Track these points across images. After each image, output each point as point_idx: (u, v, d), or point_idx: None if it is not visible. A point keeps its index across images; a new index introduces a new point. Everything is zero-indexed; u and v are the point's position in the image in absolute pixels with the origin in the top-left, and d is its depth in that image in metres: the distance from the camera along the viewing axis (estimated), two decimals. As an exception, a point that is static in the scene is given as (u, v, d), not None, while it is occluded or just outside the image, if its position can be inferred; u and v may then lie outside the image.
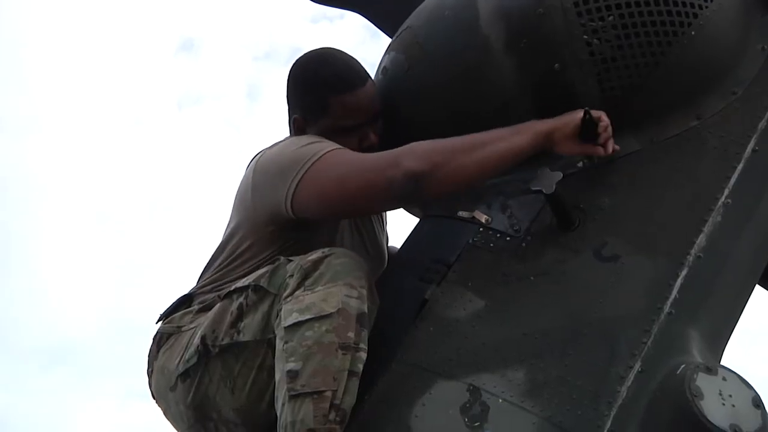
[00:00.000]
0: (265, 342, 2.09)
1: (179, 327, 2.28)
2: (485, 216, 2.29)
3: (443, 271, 2.22)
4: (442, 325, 2.13)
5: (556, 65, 2.24)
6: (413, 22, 2.54)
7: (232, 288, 2.19)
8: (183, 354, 2.20)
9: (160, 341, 2.31)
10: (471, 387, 1.99)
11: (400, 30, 2.58)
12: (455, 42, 2.38)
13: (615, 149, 2.21)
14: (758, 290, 2.43)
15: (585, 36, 2.21)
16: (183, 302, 2.37)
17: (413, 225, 2.54)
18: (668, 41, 2.22)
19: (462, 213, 2.33)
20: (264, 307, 2.10)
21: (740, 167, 2.23)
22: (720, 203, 2.18)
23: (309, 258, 2.08)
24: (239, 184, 2.44)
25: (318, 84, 2.42)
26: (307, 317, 1.99)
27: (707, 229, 2.15)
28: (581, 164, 2.28)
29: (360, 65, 2.47)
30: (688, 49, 2.24)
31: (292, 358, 1.97)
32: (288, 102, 2.52)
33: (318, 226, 2.34)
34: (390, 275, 2.46)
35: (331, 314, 1.99)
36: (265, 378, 2.10)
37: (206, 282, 2.38)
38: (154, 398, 2.37)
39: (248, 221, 2.35)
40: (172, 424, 2.34)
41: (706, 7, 2.24)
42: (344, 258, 2.08)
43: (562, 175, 2.10)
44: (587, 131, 2.17)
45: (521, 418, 1.93)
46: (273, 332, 2.07)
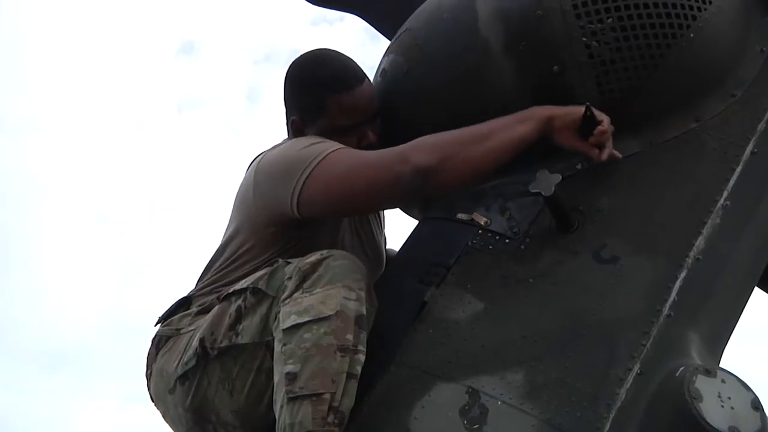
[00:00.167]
0: (264, 344, 2.09)
1: (178, 329, 2.28)
2: (484, 218, 2.29)
3: (442, 274, 2.22)
4: (441, 327, 2.13)
5: (555, 67, 2.24)
6: (412, 24, 2.54)
7: (231, 290, 2.19)
8: (182, 356, 2.20)
9: (159, 344, 2.31)
10: (470, 389, 1.99)
11: (399, 32, 2.58)
12: (454, 44, 2.38)
13: (614, 155, 2.20)
14: (757, 292, 2.43)
15: (584, 38, 2.21)
16: (182, 304, 2.37)
17: (412, 227, 2.54)
18: (667, 43, 2.22)
19: (461, 215, 2.32)
20: (262, 310, 2.10)
21: (739, 169, 2.23)
22: (719, 205, 2.18)
23: (307, 260, 2.07)
24: (239, 186, 2.44)
25: (315, 84, 2.42)
26: (306, 319, 1.99)
27: (706, 231, 2.15)
28: (580, 166, 2.28)
29: (357, 65, 2.47)
30: (687, 52, 2.23)
31: (291, 361, 1.97)
32: (285, 104, 2.52)
33: (319, 227, 2.34)
34: (389, 277, 2.46)
35: (330, 316, 1.99)
36: (264, 380, 2.10)
37: (205, 284, 2.38)
38: (153, 401, 2.37)
39: (249, 222, 2.34)
40: (171, 427, 2.34)
41: (705, 10, 2.24)
42: (343, 260, 2.08)
43: (561, 177, 2.10)
44: (587, 128, 2.17)
45: (520, 421, 1.93)
46: (271, 334, 2.07)
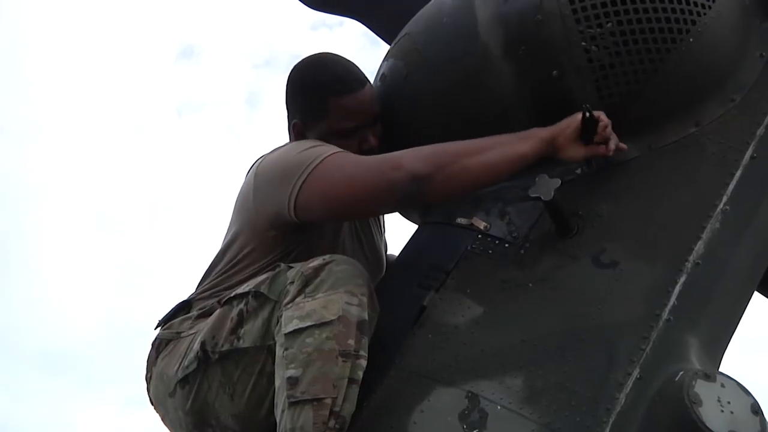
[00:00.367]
0: (265, 348, 2.09)
1: (178, 333, 2.28)
2: (484, 223, 2.29)
3: (442, 278, 2.22)
4: (441, 332, 2.13)
5: (555, 72, 2.24)
6: (412, 29, 2.54)
7: (232, 294, 2.19)
8: (182, 360, 2.20)
9: (159, 347, 2.31)
10: (469, 394, 1.99)
11: (399, 37, 2.58)
12: (454, 48, 2.39)
13: (622, 147, 2.20)
14: (757, 297, 2.43)
15: (583, 43, 2.21)
16: (182, 308, 2.37)
17: (412, 232, 2.55)
18: (667, 48, 2.22)
19: (460, 220, 2.33)
20: (264, 314, 2.10)
21: (739, 174, 2.23)
22: (718, 210, 2.18)
23: (310, 265, 2.08)
24: (240, 190, 2.44)
25: (317, 87, 2.42)
26: (308, 324, 1.99)
27: (706, 236, 2.15)
28: (580, 171, 2.28)
29: (358, 68, 2.48)
30: (687, 56, 2.24)
31: (292, 365, 1.98)
32: (287, 107, 2.53)
33: (320, 231, 2.34)
34: (388, 282, 2.46)
35: (332, 321, 1.99)
36: (265, 384, 2.10)
37: (206, 288, 2.38)
38: (153, 404, 2.37)
39: (249, 226, 2.35)
40: (171, 430, 2.34)
41: (705, 14, 2.25)
42: (345, 265, 2.08)
43: (561, 182, 2.11)
44: (588, 131, 2.17)
45: (520, 425, 1.93)
46: (273, 339, 2.07)
